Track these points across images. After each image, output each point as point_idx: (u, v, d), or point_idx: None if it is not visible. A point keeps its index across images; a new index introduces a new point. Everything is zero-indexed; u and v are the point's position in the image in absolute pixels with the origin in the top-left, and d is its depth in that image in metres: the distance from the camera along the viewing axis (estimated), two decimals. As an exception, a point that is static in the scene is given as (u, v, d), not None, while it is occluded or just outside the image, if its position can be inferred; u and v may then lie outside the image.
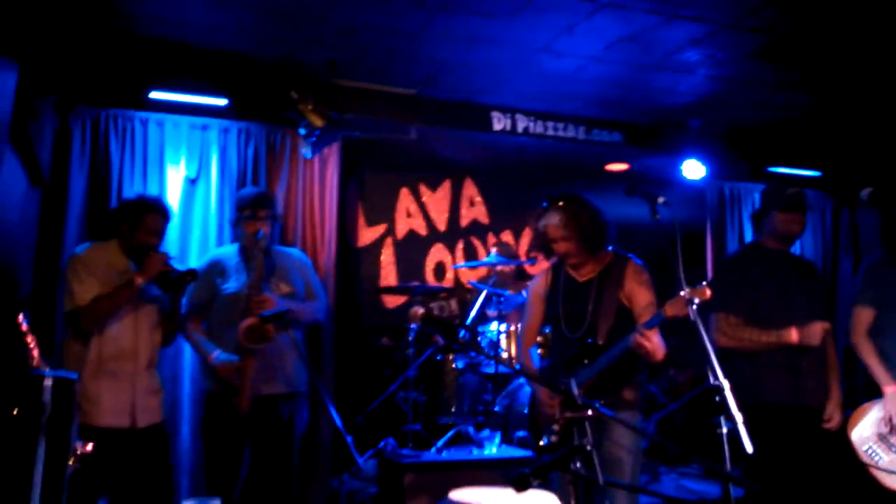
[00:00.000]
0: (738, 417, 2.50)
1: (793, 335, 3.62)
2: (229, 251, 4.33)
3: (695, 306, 2.76)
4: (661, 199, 3.00)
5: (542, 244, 3.63)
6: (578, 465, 2.58)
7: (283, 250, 4.44)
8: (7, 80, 3.23)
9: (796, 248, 4.83)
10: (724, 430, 2.53)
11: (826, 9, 4.19)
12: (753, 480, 3.49)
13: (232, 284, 4.15)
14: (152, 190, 4.84)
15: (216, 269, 4.22)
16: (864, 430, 3.81)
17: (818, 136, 6.21)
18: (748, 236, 6.84)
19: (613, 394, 3.36)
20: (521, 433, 4.87)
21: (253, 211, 4.15)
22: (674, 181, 6.17)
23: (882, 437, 3.77)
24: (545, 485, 2.84)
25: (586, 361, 3.30)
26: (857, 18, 4.29)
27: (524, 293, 5.27)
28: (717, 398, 2.57)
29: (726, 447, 2.50)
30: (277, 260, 4.26)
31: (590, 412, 2.57)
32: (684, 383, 5.99)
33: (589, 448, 2.58)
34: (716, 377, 2.58)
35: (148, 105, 4.96)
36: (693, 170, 6.09)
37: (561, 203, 3.56)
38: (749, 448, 2.46)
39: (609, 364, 3.24)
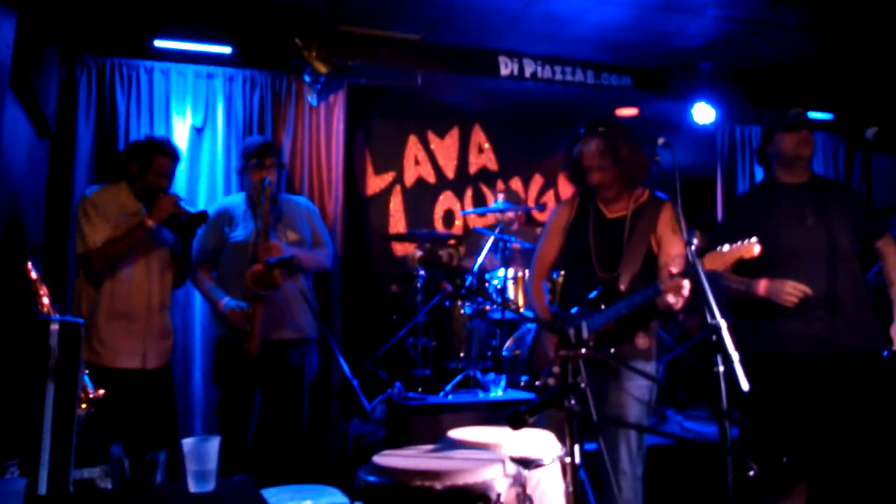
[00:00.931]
0: (735, 356, 2.50)
1: (760, 287, 3.43)
2: (237, 200, 4.36)
3: (693, 247, 2.74)
4: (661, 141, 2.90)
5: (574, 173, 3.38)
6: (573, 402, 2.63)
7: (289, 198, 4.46)
8: (6, 28, 3.23)
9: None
10: (721, 369, 2.53)
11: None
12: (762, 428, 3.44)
13: (240, 233, 4.18)
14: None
15: (224, 218, 4.25)
16: None
17: (830, 77, 6.10)
18: (760, 179, 6.79)
19: (628, 341, 3.27)
20: (526, 377, 4.92)
21: (259, 159, 4.16)
22: (684, 125, 6.11)
23: None
24: (541, 422, 2.88)
25: (603, 306, 3.16)
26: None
27: (538, 235, 5.25)
28: (714, 337, 2.56)
29: (723, 386, 2.52)
30: (284, 207, 4.29)
31: (584, 352, 2.61)
32: (694, 328, 6.00)
33: (583, 386, 2.62)
34: (713, 316, 2.58)
35: (153, 54, 4.96)
36: (703, 113, 6.02)
37: (601, 129, 3.29)
38: (745, 386, 2.47)
39: (627, 312, 3.11)
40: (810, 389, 3.40)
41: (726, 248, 2.94)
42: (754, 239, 2.92)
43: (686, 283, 2.94)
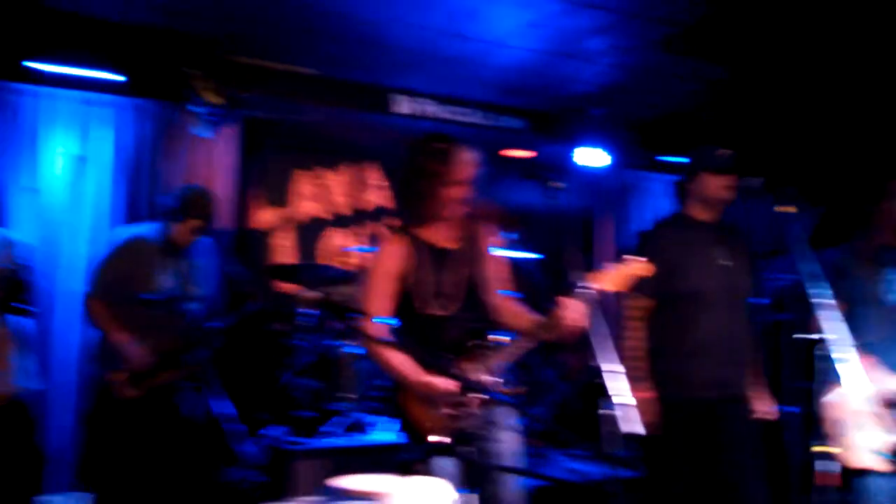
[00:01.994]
0: (625, 400, 2.48)
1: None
2: (152, 237, 4.09)
3: (583, 289, 2.72)
4: (556, 183, 2.91)
5: (428, 190, 2.93)
6: (466, 449, 2.55)
7: (202, 246, 4.25)
8: None
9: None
10: (609, 412, 2.50)
11: (732, 3, 4.26)
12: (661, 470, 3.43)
13: (156, 285, 3.97)
14: (30, 167, 4.60)
15: (135, 253, 4.01)
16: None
17: (718, 129, 6.35)
18: (639, 225, 6.97)
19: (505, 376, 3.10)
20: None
21: (199, 217, 4.00)
22: (574, 168, 6.23)
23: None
24: (433, 469, 2.78)
25: (484, 346, 2.97)
26: (763, 15, 4.39)
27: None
28: (600, 381, 2.54)
29: (608, 429, 2.48)
30: (196, 259, 4.11)
31: (484, 396, 2.55)
32: (577, 367, 6.04)
33: (478, 432, 2.55)
34: (599, 360, 2.56)
35: (30, 77, 4.67)
36: (591, 157, 6.16)
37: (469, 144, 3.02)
38: (626, 429, 2.45)
39: (521, 344, 2.96)
40: (716, 433, 3.40)
41: (618, 266, 2.87)
42: (643, 259, 2.89)
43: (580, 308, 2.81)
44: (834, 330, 3.01)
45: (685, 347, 3.40)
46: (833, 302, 3.59)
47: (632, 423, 2.45)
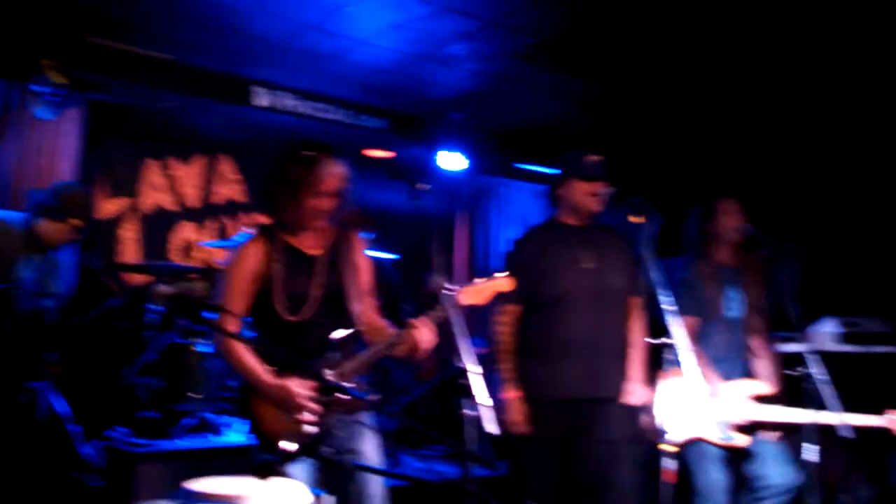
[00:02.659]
0: (484, 401, 2.51)
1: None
2: (17, 226, 3.82)
3: (443, 291, 2.74)
4: (421, 185, 2.91)
5: (293, 196, 2.86)
6: (323, 451, 2.51)
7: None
8: None
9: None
10: (468, 412, 2.53)
11: (594, 17, 4.41)
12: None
13: (20, 281, 3.74)
14: None
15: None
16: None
17: (576, 139, 6.58)
18: (496, 229, 7.14)
19: (362, 392, 3.00)
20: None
21: (80, 217, 3.79)
22: (433, 171, 6.28)
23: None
24: (288, 472, 2.72)
25: (342, 351, 2.91)
26: (624, 32, 4.57)
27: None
28: (461, 381, 2.56)
29: (470, 430, 2.51)
30: (59, 255, 3.93)
31: (343, 396, 2.52)
32: (431, 368, 6.10)
33: (336, 433, 2.52)
34: (461, 360, 2.58)
35: None
36: (451, 161, 6.24)
37: (341, 156, 2.96)
38: (492, 430, 2.48)
39: (376, 355, 2.93)
40: (583, 435, 3.46)
41: (480, 282, 2.92)
42: (506, 273, 2.95)
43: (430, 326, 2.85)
44: (678, 335, 3.16)
45: (551, 349, 3.46)
46: (678, 308, 3.84)
47: (492, 422, 2.48)
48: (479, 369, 2.61)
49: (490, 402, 2.54)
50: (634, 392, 3.51)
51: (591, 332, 3.46)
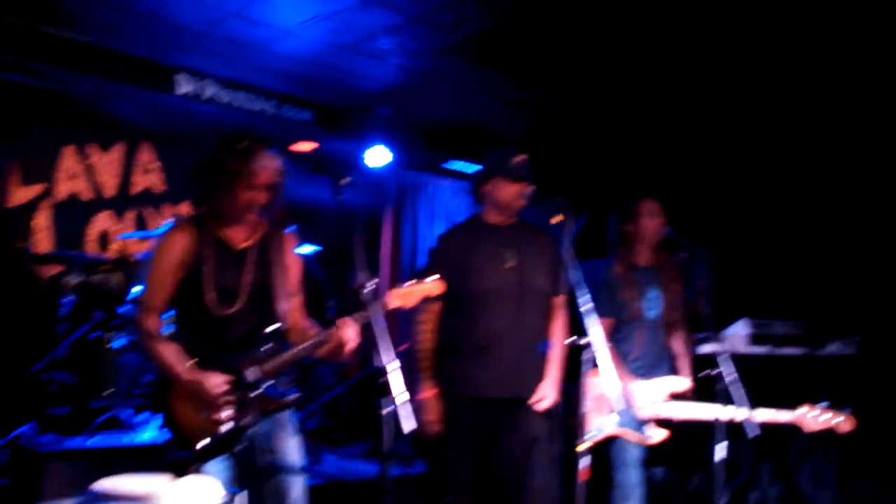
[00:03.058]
0: (400, 399, 2.50)
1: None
2: None
3: (367, 289, 2.71)
4: (345, 180, 2.86)
5: (224, 187, 2.83)
6: (238, 448, 2.47)
7: None
8: None
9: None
10: (386, 411, 2.52)
11: (520, 15, 4.43)
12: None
13: None
14: None
15: None
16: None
17: (505, 137, 6.61)
18: (423, 226, 7.13)
19: (283, 390, 2.95)
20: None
21: None
22: (360, 166, 6.24)
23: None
24: (206, 469, 2.66)
25: (265, 348, 2.86)
26: (552, 29, 4.61)
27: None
28: (381, 380, 2.55)
29: (388, 428, 2.51)
30: None
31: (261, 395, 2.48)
32: (353, 365, 6.06)
33: (251, 430, 2.47)
34: (380, 358, 2.57)
35: None
36: (378, 156, 6.20)
37: (276, 148, 2.93)
38: (407, 428, 2.47)
39: (299, 354, 2.90)
40: (495, 431, 3.45)
41: (409, 285, 2.92)
42: (436, 276, 2.95)
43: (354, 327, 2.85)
44: (596, 336, 3.20)
45: (472, 347, 3.44)
46: (596, 309, 3.90)
47: (411, 421, 2.47)
48: (398, 367, 2.59)
49: (408, 400, 2.52)
50: (546, 394, 3.50)
51: (511, 331, 3.45)
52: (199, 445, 2.64)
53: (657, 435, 3.77)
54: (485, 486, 3.49)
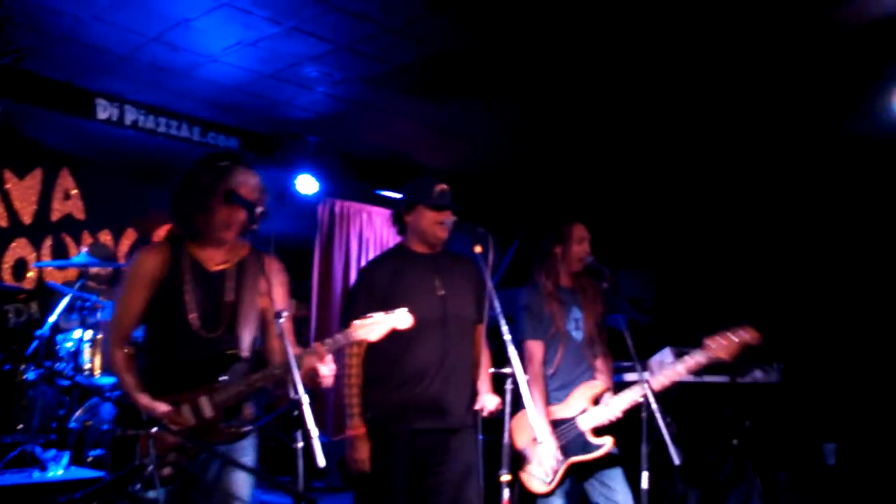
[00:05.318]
0: (314, 432, 2.44)
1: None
2: None
3: (282, 319, 2.64)
4: (259, 209, 2.80)
5: (202, 206, 2.80)
6: (139, 487, 2.37)
7: None
8: None
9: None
10: (300, 444, 2.46)
11: (445, 46, 4.44)
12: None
13: None
14: None
15: None
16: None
17: (434, 167, 6.61)
18: (355, 254, 7.08)
19: (239, 412, 2.88)
20: (97, 451, 4.42)
21: None
22: (288, 194, 6.17)
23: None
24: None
25: (224, 377, 2.79)
26: (476, 59, 4.63)
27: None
28: (296, 412, 2.49)
29: (301, 462, 2.45)
30: None
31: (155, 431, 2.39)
32: (282, 397, 5.93)
33: (150, 469, 2.37)
34: (296, 391, 2.51)
35: None
36: (307, 185, 6.14)
37: (252, 166, 2.90)
38: (321, 463, 2.41)
39: (260, 384, 2.79)
40: (429, 461, 3.41)
41: (378, 316, 2.86)
42: (405, 309, 2.90)
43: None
44: (517, 365, 3.19)
45: (401, 377, 3.39)
46: (520, 338, 3.89)
47: (323, 457, 2.41)
48: (309, 401, 2.53)
49: (318, 434, 2.45)
50: (487, 401, 3.49)
51: (441, 361, 3.42)
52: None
53: (605, 444, 3.74)
54: None
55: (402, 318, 2.91)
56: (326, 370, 2.77)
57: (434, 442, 3.40)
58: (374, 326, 2.87)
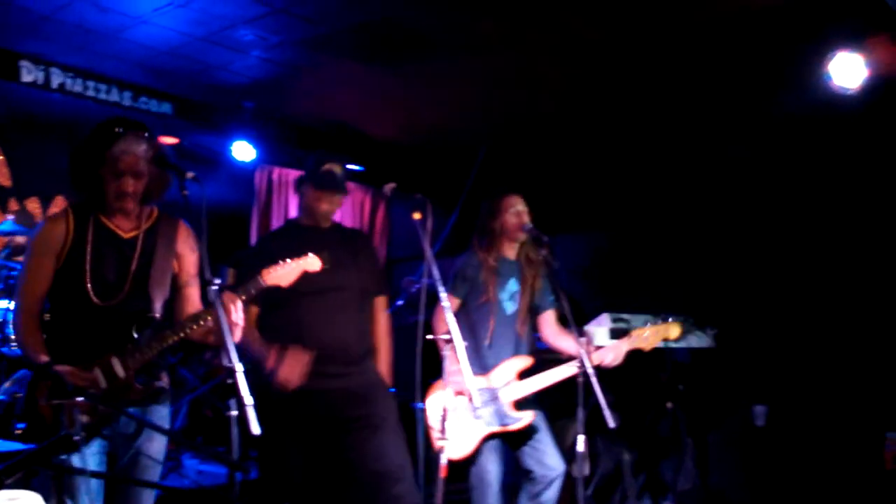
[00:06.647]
0: (248, 401, 2.43)
1: (269, 362, 3.36)
2: None
3: (215, 287, 2.60)
4: (189, 175, 2.74)
5: (90, 175, 2.79)
6: (65, 457, 2.32)
7: None
8: None
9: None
10: (234, 413, 2.44)
11: (387, 8, 4.35)
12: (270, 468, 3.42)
13: None
14: None
15: None
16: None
17: (376, 136, 6.53)
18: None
19: (155, 379, 2.90)
20: (23, 424, 4.30)
21: None
22: (224, 161, 6.06)
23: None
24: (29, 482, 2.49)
25: (137, 337, 2.78)
26: (420, 24, 4.56)
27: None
28: (230, 381, 2.47)
29: (235, 430, 2.44)
30: None
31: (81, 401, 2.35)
32: (219, 366, 5.87)
33: (77, 438, 2.32)
34: (229, 359, 2.49)
35: None
36: (243, 151, 6.05)
37: (146, 133, 2.85)
38: (256, 431, 2.40)
39: (172, 340, 2.79)
40: (338, 418, 3.48)
41: (288, 263, 2.90)
42: (312, 255, 2.94)
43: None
44: (454, 331, 3.22)
45: (292, 344, 3.40)
46: (456, 303, 3.92)
47: (257, 425, 2.40)
48: (243, 368, 2.51)
49: (252, 402, 2.44)
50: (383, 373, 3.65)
51: (327, 329, 3.49)
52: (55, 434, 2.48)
53: (524, 418, 3.80)
54: (321, 485, 3.48)
55: (311, 262, 2.94)
56: (237, 317, 2.74)
57: (341, 400, 3.47)
58: (285, 272, 2.90)
